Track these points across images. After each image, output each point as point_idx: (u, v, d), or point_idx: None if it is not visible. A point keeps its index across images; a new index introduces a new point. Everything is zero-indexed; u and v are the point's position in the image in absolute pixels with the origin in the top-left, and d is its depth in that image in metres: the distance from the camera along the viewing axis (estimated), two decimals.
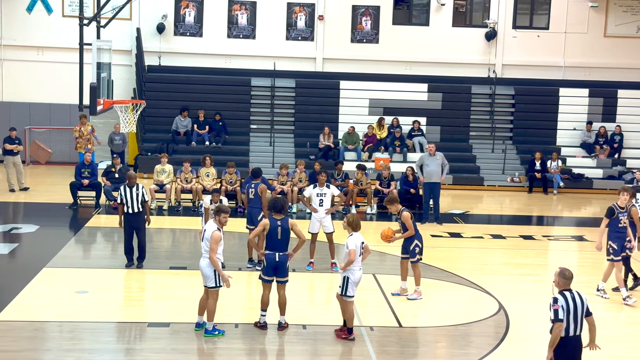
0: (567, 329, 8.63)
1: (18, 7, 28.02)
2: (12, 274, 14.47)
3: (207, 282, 11.32)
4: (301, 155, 25.99)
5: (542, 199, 25.14)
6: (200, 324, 11.51)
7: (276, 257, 11.50)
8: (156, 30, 28.59)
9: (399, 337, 11.76)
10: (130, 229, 14.78)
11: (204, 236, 11.32)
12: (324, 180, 15.42)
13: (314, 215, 15.23)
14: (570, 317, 8.63)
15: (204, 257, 11.31)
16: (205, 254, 11.28)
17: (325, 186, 15.34)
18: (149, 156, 26.22)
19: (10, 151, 22.45)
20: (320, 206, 15.20)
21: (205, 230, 11.37)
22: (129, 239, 14.85)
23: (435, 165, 19.98)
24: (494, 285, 14.44)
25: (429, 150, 20.26)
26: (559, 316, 8.60)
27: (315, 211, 15.20)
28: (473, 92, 29.08)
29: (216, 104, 27.80)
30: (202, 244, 11.40)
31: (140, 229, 14.87)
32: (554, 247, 18.86)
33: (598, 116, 28.85)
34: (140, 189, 14.74)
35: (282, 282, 11.65)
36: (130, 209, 14.66)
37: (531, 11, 30.32)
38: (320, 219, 15.17)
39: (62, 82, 27.12)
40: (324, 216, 15.19)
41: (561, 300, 8.66)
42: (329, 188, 15.39)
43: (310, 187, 15.58)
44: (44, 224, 18.61)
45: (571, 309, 8.64)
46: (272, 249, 11.53)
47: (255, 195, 14.97)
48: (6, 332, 11.25)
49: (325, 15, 29.31)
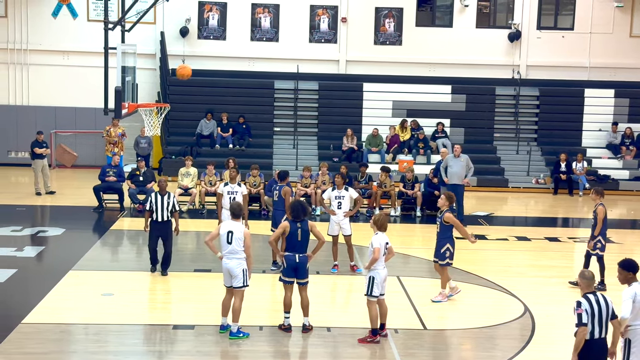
0: (592, 332, 8.54)
1: (43, 12, 28.28)
2: (39, 276, 14.58)
3: (235, 282, 11.32)
4: (324, 158, 26.00)
5: (568, 201, 24.96)
6: (225, 326, 11.52)
7: (296, 258, 11.53)
8: (180, 34, 28.74)
9: (423, 340, 11.71)
10: (156, 237, 14.49)
11: (234, 237, 11.31)
12: (341, 182, 15.32)
13: (333, 218, 15.19)
14: (595, 320, 8.54)
15: (231, 258, 11.30)
16: (232, 255, 11.29)
17: (343, 188, 15.29)
18: (173, 159, 26.34)
19: (39, 155, 22.68)
20: (339, 209, 15.16)
21: (233, 232, 11.35)
22: (153, 247, 14.58)
23: (459, 167, 19.88)
24: (519, 288, 14.34)
25: (455, 151, 20.16)
26: (582, 320, 8.52)
27: (334, 214, 15.18)
28: (497, 94, 28.93)
29: (240, 107, 27.87)
30: (228, 245, 11.33)
31: (167, 238, 14.50)
32: (580, 249, 18.66)
33: (624, 117, 28.60)
34: (172, 198, 14.48)
35: (302, 284, 11.67)
36: (159, 216, 14.35)
37: (556, 12, 30.12)
38: (338, 221, 15.13)
39: (87, 86, 27.36)
40: (342, 219, 15.15)
41: (585, 304, 8.58)
42: (347, 190, 15.31)
43: (329, 190, 15.56)
44: (70, 227, 18.75)
45: (596, 312, 8.55)
46: (292, 250, 11.56)
47: (279, 197, 14.98)
48: (33, 334, 11.33)
49: (348, 17, 29.30)
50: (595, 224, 14.19)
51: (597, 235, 14.20)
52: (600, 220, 14.10)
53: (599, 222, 14.12)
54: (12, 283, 13.93)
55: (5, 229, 18.15)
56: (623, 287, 8.97)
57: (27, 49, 28.59)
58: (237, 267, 11.30)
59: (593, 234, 14.23)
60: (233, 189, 15.15)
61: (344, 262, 15.23)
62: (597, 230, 14.17)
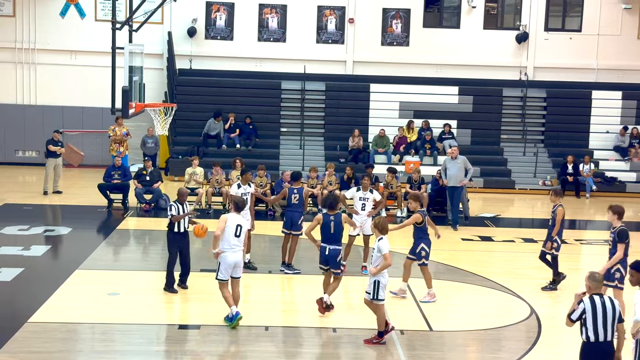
0: (596, 334, 8.48)
1: (51, 12, 28.35)
2: (45, 275, 14.61)
3: (238, 272, 11.85)
4: (331, 158, 26.03)
5: (575, 203, 24.90)
6: (238, 313, 11.70)
7: (326, 250, 12.45)
8: (187, 34, 28.79)
9: (429, 341, 11.70)
10: (177, 251, 13.54)
11: (241, 232, 11.69)
12: (367, 184, 15.34)
13: (355, 217, 15.17)
14: (599, 323, 8.48)
15: (238, 251, 11.71)
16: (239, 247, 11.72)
17: (368, 191, 15.30)
18: (179, 159, 26.38)
19: (53, 153, 22.76)
20: (363, 210, 15.16)
21: (242, 226, 11.74)
22: (174, 263, 13.56)
23: (456, 169, 19.81)
24: (526, 290, 14.33)
25: (451, 153, 20.14)
26: (572, 317, 8.58)
27: (357, 213, 15.17)
28: (504, 95, 28.90)
29: (246, 107, 27.89)
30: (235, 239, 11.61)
31: (188, 251, 13.72)
32: (587, 251, 18.68)
33: (631, 119, 28.56)
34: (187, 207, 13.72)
35: (336, 274, 12.51)
36: (181, 227, 13.44)
37: (563, 13, 30.08)
38: (362, 222, 15.13)
39: (95, 86, 27.41)
40: (366, 219, 15.15)
41: (587, 304, 8.53)
42: (372, 193, 15.31)
43: (354, 190, 15.53)
44: (76, 226, 18.79)
45: (599, 313, 8.49)
46: (326, 241, 12.50)
47: (300, 199, 15.00)
48: (39, 333, 11.35)
49: (355, 18, 29.31)
50: (554, 225, 14.17)
51: (554, 235, 14.23)
52: (558, 221, 14.13)
53: (557, 222, 14.14)
54: (18, 282, 13.97)
55: (12, 227, 18.20)
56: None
57: (34, 49, 28.66)
58: (242, 258, 12.00)
59: (550, 234, 14.23)
60: (246, 190, 15.10)
61: (350, 264, 15.22)
62: (555, 231, 14.20)
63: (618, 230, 11.98)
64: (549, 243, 14.32)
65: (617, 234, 11.93)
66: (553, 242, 14.31)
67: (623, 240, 11.86)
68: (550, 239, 14.28)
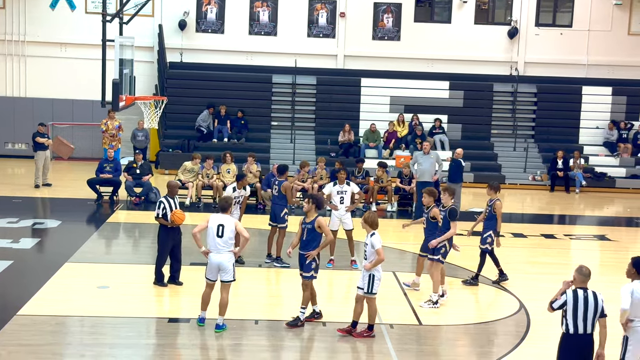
0: (576, 326, 8.63)
1: (41, 4, 28.21)
2: (35, 268, 14.57)
3: (224, 276, 11.31)
4: (322, 153, 26.02)
5: (564, 198, 24.98)
6: (203, 319, 11.50)
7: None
8: (178, 27, 28.70)
9: (419, 335, 11.74)
10: (170, 246, 13.47)
11: (225, 230, 11.29)
12: (343, 177, 15.40)
13: (334, 213, 15.23)
14: (579, 315, 8.61)
15: (222, 252, 11.29)
16: (223, 248, 11.29)
17: (345, 184, 15.33)
18: (170, 152, 26.32)
19: (42, 145, 22.68)
20: (341, 204, 15.20)
21: (224, 226, 11.33)
22: (165, 259, 13.54)
23: (429, 164, 19.94)
24: (515, 284, 14.37)
25: (424, 148, 20.27)
26: (554, 305, 8.77)
27: (336, 209, 15.20)
28: (495, 90, 28.93)
29: (237, 101, 27.84)
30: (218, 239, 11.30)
31: (180, 247, 13.63)
32: (576, 246, 18.74)
33: (621, 115, 28.65)
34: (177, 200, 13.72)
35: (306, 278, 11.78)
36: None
37: (554, 9, 30.11)
38: (340, 216, 15.17)
39: (85, 79, 27.32)
40: (344, 214, 15.19)
41: (569, 295, 8.67)
42: (349, 185, 15.37)
43: (330, 185, 15.56)
44: (66, 219, 18.74)
45: (580, 307, 8.60)
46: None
47: (279, 192, 14.99)
48: (28, 325, 11.33)
49: (346, 12, 29.27)
50: (496, 220, 14.16)
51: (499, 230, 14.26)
52: (499, 215, 14.19)
53: (499, 217, 14.19)
54: (8, 275, 13.94)
55: (1, 220, 18.13)
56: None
57: (24, 41, 28.51)
58: (228, 261, 11.30)
59: (496, 229, 14.18)
60: (240, 194, 15.03)
61: (340, 258, 15.24)
62: (499, 226, 14.22)
63: (449, 209, 12.92)
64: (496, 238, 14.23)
65: (448, 213, 12.89)
66: (487, 236, 14.30)
67: (454, 218, 12.93)
68: (497, 234, 14.23)
